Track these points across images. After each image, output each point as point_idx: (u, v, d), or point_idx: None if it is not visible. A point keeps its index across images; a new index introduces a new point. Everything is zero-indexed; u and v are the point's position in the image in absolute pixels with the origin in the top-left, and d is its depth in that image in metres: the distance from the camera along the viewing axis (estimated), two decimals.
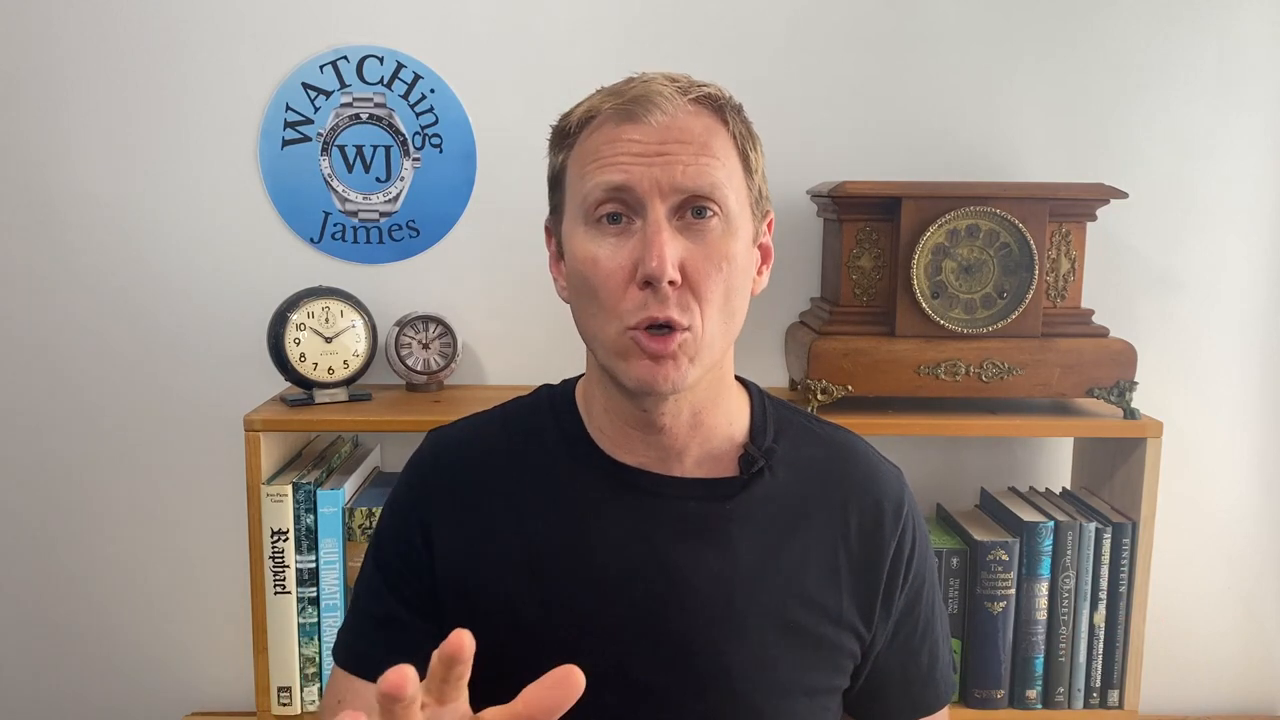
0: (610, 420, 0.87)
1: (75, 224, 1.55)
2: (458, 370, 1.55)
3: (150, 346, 1.58)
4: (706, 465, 0.88)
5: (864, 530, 0.89)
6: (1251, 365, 1.63)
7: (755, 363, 1.57)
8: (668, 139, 0.78)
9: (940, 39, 1.55)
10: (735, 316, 0.83)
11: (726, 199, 0.80)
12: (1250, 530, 1.66)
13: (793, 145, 1.55)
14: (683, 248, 0.78)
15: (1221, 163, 1.58)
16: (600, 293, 0.79)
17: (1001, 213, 1.36)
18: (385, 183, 1.56)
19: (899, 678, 0.93)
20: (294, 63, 1.52)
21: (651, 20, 1.53)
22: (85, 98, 1.52)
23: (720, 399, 0.88)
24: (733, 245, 0.80)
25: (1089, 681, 1.44)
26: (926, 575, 0.93)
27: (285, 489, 1.36)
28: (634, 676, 0.83)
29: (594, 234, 0.80)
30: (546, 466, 0.89)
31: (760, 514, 0.87)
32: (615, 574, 0.84)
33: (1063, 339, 1.40)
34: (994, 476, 1.63)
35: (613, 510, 0.86)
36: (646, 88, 0.79)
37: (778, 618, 0.85)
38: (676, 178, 0.77)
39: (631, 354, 0.79)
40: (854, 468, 0.91)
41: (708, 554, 0.85)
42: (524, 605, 0.85)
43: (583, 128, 0.82)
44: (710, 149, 0.79)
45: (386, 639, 0.89)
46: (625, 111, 0.79)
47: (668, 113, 0.78)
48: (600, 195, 0.79)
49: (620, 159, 0.78)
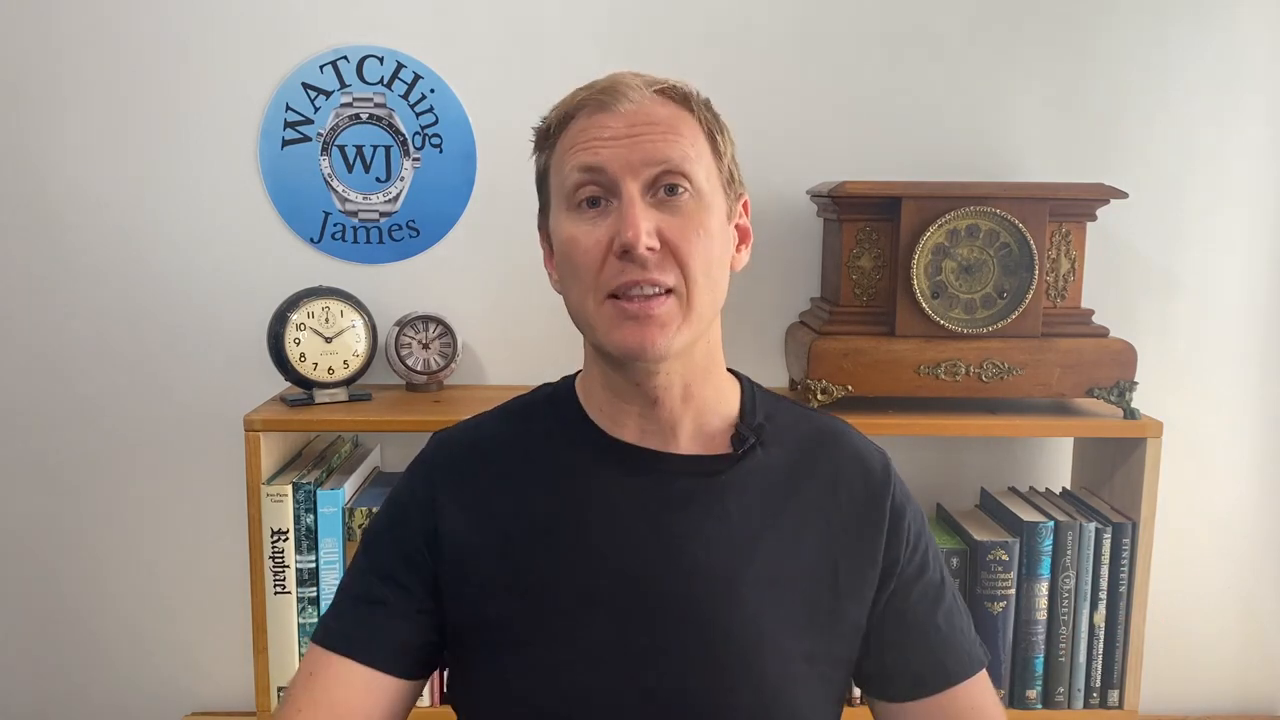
0: (608, 398, 0.90)
1: (75, 224, 1.55)
2: (458, 370, 1.55)
3: (150, 346, 1.58)
4: (700, 442, 0.90)
5: (854, 500, 0.91)
6: (1251, 365, 1.63)
7: (755, 363, 1.57)
8: (636, 122, 0.83)
9: (941, 39, 1.55)
10: (718, 287, 0.86)
11: (695, 173, 0.83)
12: (1250, 530, 1.66)
13: (793, 145, 1.55)
14: (658, 219, 0.82)
15: (1221, 163, 1.58)
16: (580, 269, 0.83)
17: (1001, 213, 1.36)
18: (385, 183, 1.56)
19: (918, 648, 0.92)
20: (294, 63, 1.52)
21: (651, 20, 1.53)
22: (85, 98, 1.52)
23: (710, 374, 0.91)
24: (707, 218, 0.84)
25: (1089, 681, 1.44)
26: (929, 548, 0.95)
27: (285, 489, 1.36)
28: (634, 643, 0.85)
29: (574, 217, 0.84)
30: (547, 447, 0.92)
31: (753, 486, 0.89)
32: (614, 545, 0.87)
33: (1063, 339, 1.40)
34: (994, 476, 1.63)
35: (611, 485, 0.89)
36: (614, 80, 0.85)
37: (774, 583, 0.87)
38: (646, 154, 0.82)
39: (616, 322, 0.82)
40: (840, 446, 0.94)
41: (704, 523, 0.87)
42: (527, 578, 0.87)
43: (561, 127, 0.86)
44: (677, 129, 0.84)
45: (362, 616, 0.90)
46: (597, 103, 0.84)
47: (635, 101, 0.83)
48: (577, 178, 0.83)
49: (593, 144, 0.83)
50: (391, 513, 0.94)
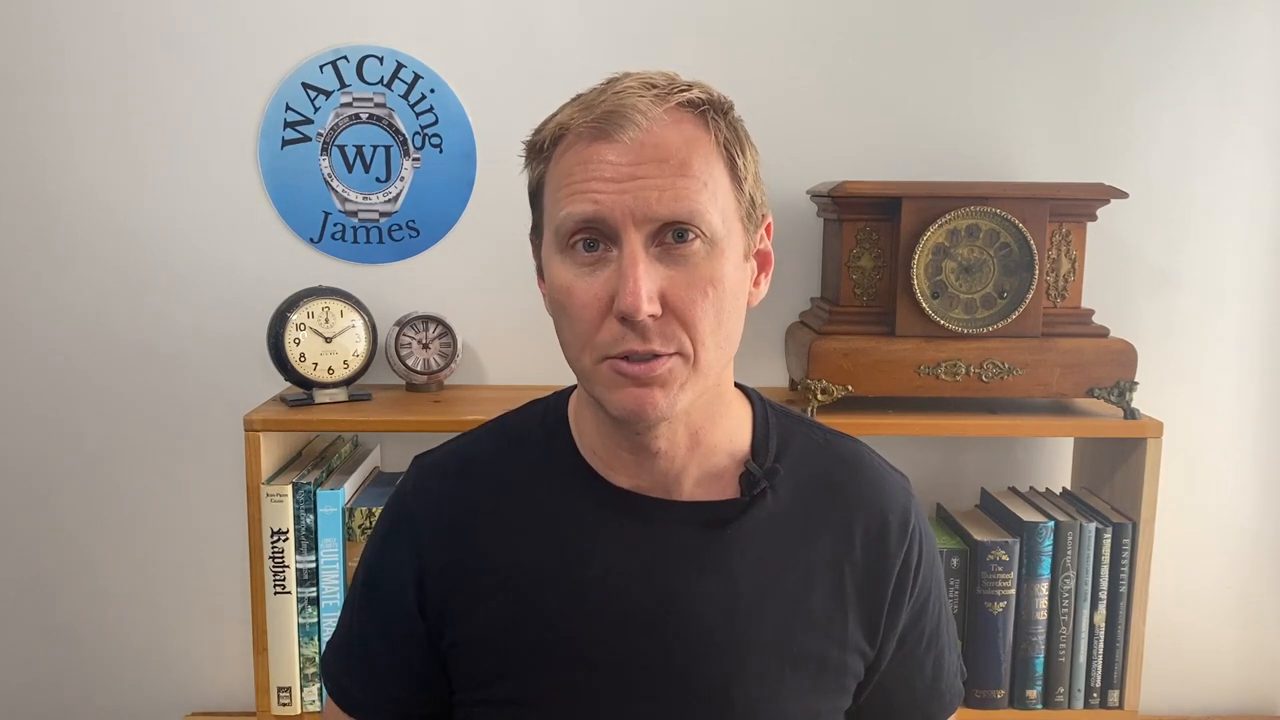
0: (603, 443, 0.84)
1: (75, 224, 1.55)
2: (458, 370, 1.55)
3: (150, 346, 1.58)
4: (706, 485, 0.84)
5: (869, 546, 0.86)
6: (1251, 365, 1.63)
7: (755, 363, 1.57)
8: (642, 159, 0.73)
9: (941, 39, 1.55)
10: (730, 339, 0.79)
11: (709, 221, 0.74)
12: (1250, 530, 1.66)
13: (793, 145, 1.54)
14: (662, 276, 0.73)
15: (1221, 163, 1.58)
16: (576, 325, 0.76)
17: (1002, 213, 1.36)
18: (385, 183, 1.56)
19: (904, 689, 0.91)
20: (294, 63, 1.52)
21: (651, 20, 1.53)
22: (86, 98, 1.52)
23: (719, 416, 0.84)
24: (719, 267, 0.75)
25: (1089, 681, 1.44)
26: (933, 587, 0.91)
27: (285, 489, 1.36)
28: (634, 707, 0.82)
29: (569, 262, 0.76)
30: (538, 491, 0.85)
31: (762, 537, 0.83)
32: (613, 603, 0.82)
33: (1063, 339, 1.40)
34: (994, 476, 1.63)
35: (608, 537, 0.83)
36: (619, 100, 0.73)
37: (781, 645, 0.83)
38: (651, 206, 0.72)
39: (614, 383, 0.75)
40: (859, 480, 0.88)
41: (708, 582, 0.82)
42: (519, 635, 0.83)
43: (555, 144, 0.77)
44: (689, 168, 0.74)
45: (373, 676, 0.90)
46: (596, 129, 0.74)
47: (642, 127, 0.73)
48: (572, 226, 0.74)
49: (591, 185, 0.73)
50: (383, 561, 0.89)
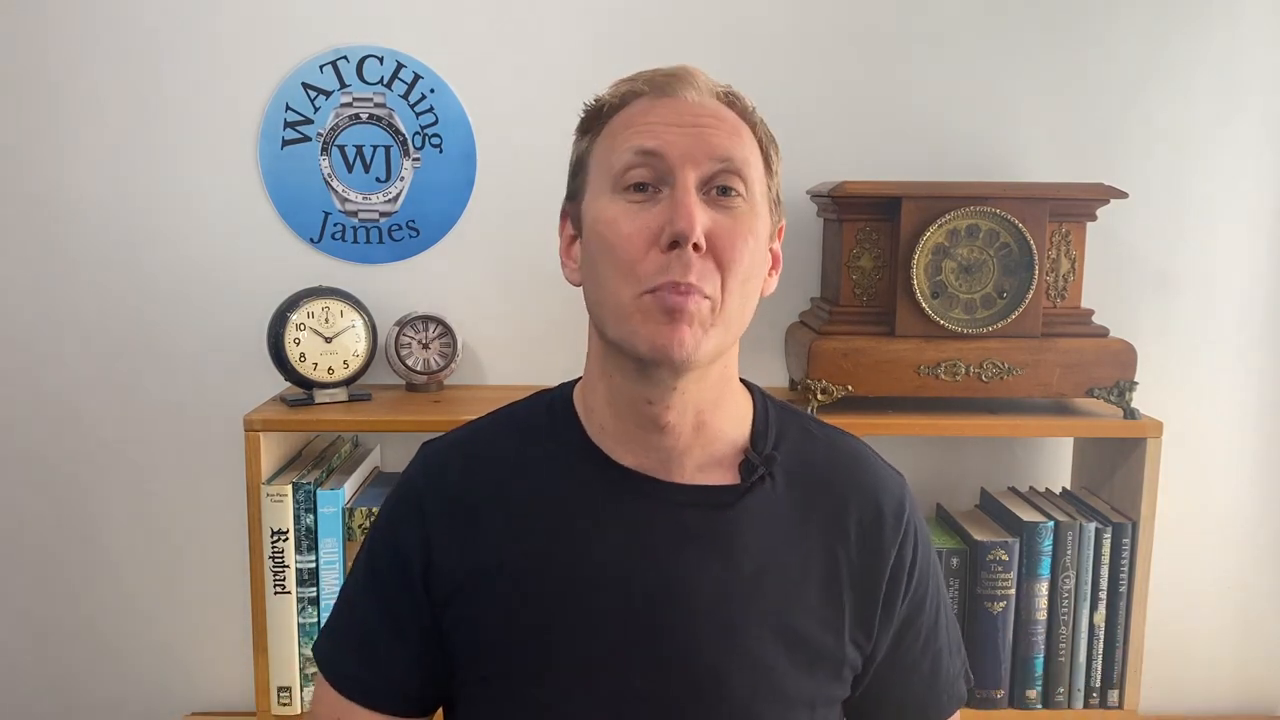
0: (613, 416, 0.86)
1: (75, 224, 1.55)
2: (458, 370, 1.55)
3: (150, 346, 1.58)
4: (707, 470, 0.86)
5: (864, 536, 0.87)
6: (1251, 365, 1.63)
7: (755, 363, 1.57)
8: (702, 114, 0.81)
9: (941, 39, 1.55)
10: (750, 300, 0.83)
11: (752, 179, 0.81)
12: (1250, 530, 1.66)
13: (793, 145, 1.51)
14: (710, 218, 0.79)
15: (1221, 163, 1.58)
16: (619, 252, 0.79)
17: (1001, 213, 1.36)
18: (385, 183, 1.56)
19: (900, 685, 0.92)
20: (294, 63, 1.52)
21: (651, 20, 1.53)
22: (85, 98, 1.52)
23: (724, 401, 0.87)
24: (756, 224, 0.81)
25: (1089, 681, 1.44)
26: (930, 584, 0.92)
27: (285, 489, 1.36)
28: (633, 685, 0.82)
29: (620, 200, 0.80)
30: (544, 469, 0.87)
31: (761, 522, 0.86)
32: (614, 581, 0.83)
33: (1063, 339, 1.40)
34: (994, 476, 1.63)
35: (612, 515, 0.85)
36: (682, 68, 0.83)
37: (778, 627, 0.84)
38: (710, 144, 0.79)
39: (647, 316, 0.78)
40: (855, 472, 0.90)
41: (708, 562, 0.84)
42: (522, 612, 0.84)
43: (616, 109, 0.83)
44: (740, 135, 0.82)
45: (373, 660, 0.89)
46: (661, 87, 0.82)
47: (702, 91, 0.82)
48: (630, 159, 0.79)
49: (654, 126, 0.80)
50: (389, 540, 0.90)
